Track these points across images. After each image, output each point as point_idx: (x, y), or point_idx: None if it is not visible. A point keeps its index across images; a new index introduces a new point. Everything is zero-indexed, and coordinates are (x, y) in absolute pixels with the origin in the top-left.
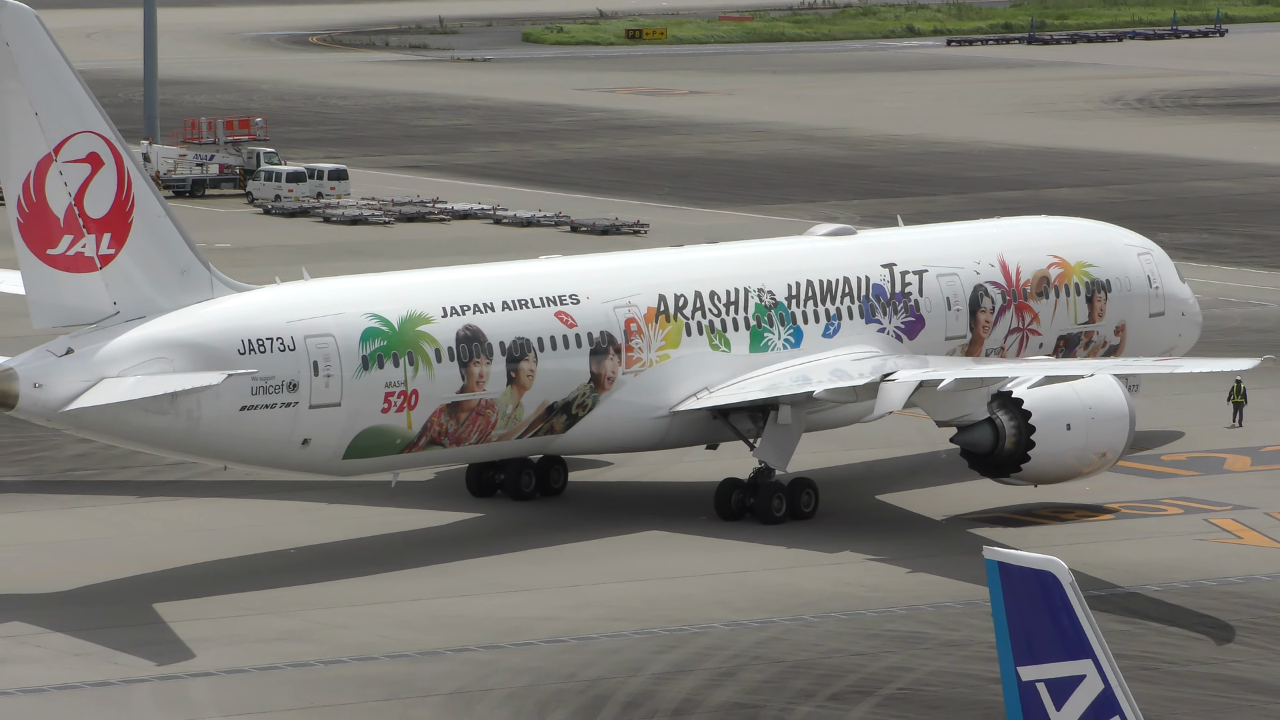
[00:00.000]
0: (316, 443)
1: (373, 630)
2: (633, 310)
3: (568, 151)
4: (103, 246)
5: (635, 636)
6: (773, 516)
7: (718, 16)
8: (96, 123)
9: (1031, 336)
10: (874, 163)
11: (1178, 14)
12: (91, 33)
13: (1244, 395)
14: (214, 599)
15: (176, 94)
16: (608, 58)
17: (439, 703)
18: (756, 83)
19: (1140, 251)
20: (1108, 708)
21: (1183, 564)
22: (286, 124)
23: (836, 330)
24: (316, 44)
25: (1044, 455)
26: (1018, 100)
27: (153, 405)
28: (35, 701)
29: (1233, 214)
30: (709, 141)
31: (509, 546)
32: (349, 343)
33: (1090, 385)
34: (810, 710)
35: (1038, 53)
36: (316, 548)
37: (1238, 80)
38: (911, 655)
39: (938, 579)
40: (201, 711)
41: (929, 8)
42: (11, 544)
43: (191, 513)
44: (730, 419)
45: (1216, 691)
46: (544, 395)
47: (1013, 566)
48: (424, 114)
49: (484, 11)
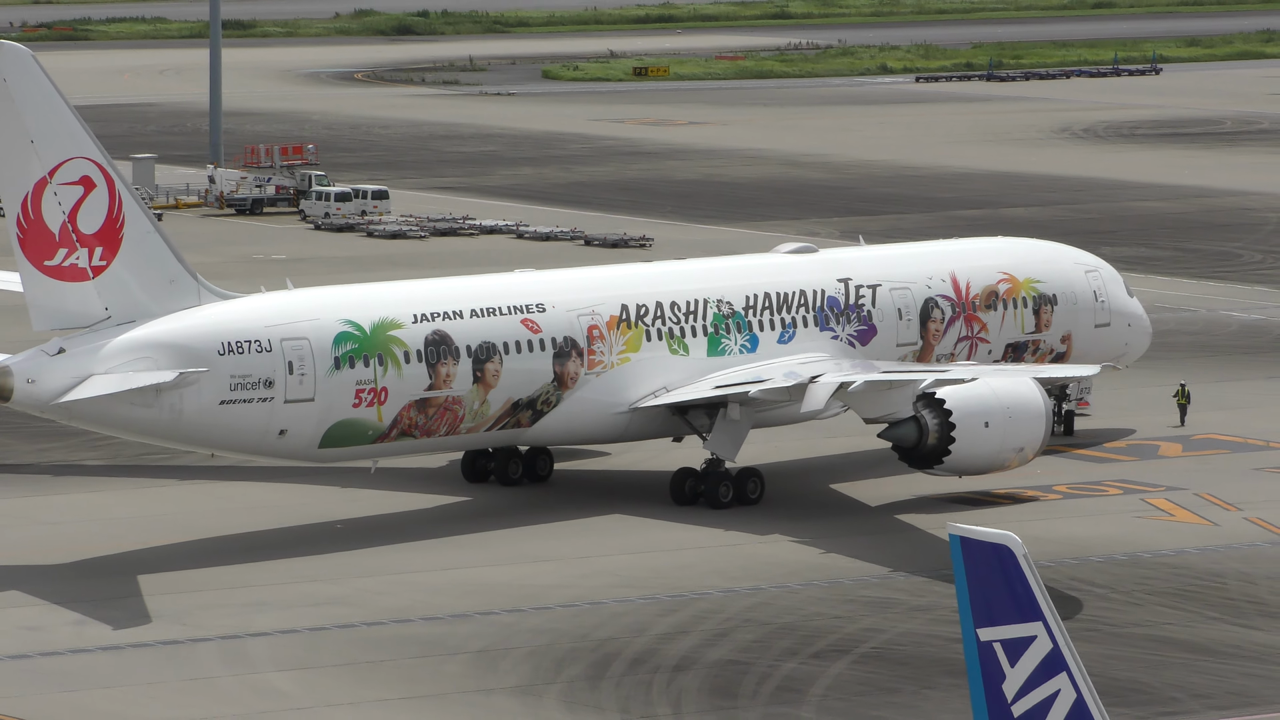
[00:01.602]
0: (293, 433)
1: (409, 596)
2: (596, 318)
3: (582, 174)
4: (95, 259)
5: (640, 601)
6: (719, 502)
7: (714, 56)
8: (89, 150)
9: (980, 344)
10: (852, 185)
11: (1118, 55)
12: (164, 70)
13: (1188, 397)
14: (270, 568)
15: (238, 124)
16: (617, 92)
17: (467, 659)
18: (748, 114)
19: (1088, 269)
20: (1056, 664)
21: (1122, 539)
22: (335, 150)
23: (792, 338)
24: (361, 80)
25: (963, 450)
26: (978, 130)
27: (138, 399)
28: (113, 657)
29: (1166, 230)
30: (707, 166)
31: (526, 522)
32: (322, 345)
33: (1009, 387)
34: (794, 666)
35: (995, 89)
36: (359, 521)
37: (1171, 113)
38: (884, 618)
39: (907, 552)
40: (259, 666)
41: (900, 49)
42: (92, 518)
43: (250, 492)
44: (688, 415)
45: (1151, 650)
46: (509, 393)
47: (973, 541)
48: (455, 141)
49: (509, 52)
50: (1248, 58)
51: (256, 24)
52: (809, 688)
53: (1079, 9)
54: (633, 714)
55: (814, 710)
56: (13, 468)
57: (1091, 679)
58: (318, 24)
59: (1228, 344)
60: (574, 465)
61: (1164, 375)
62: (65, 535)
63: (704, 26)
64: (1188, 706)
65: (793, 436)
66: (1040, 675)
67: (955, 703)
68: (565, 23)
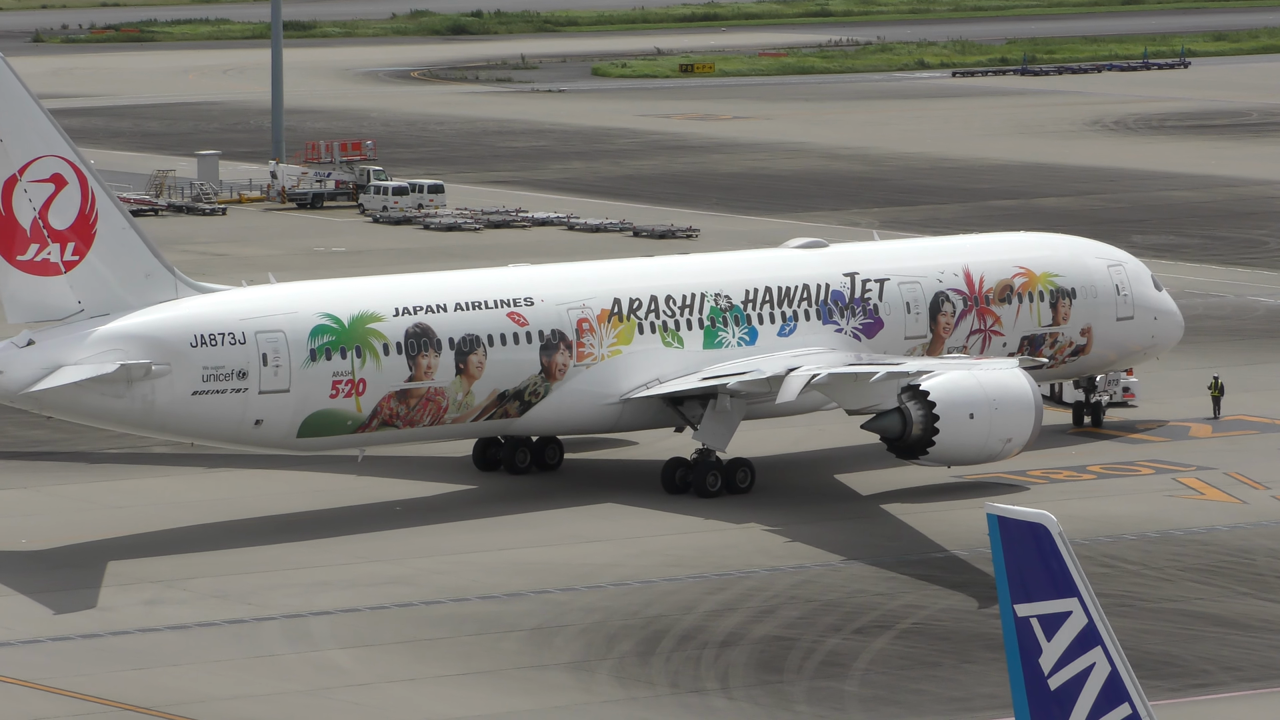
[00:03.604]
0: (269, 423)
1: (465, 575)
2: (586, 311)
3: (631, 168)
4: (67, 253)
5: (689, 580)
6: (707, 491)
7: (758, 53)
8: (61, 148)
9: (994, 337)
10: (890, 176)
11: (1148, 49)
12: (227, 69)
13: (1221, 389)
14: (332, 548)
15: (299, 121)
16: (665, 89)
17: (522, 637)
18: (791, 109)
19: (1111, 264)
20: (1091, 638)
21: (1154, 517)
22: (392, 146)
23: (792, 331)
24: (417, 78)
25: (948, 441)
26: (1012, 123)
27: (108, 390)
28: (181, 637)
29: (1195, 219)
30: (751, 159)
31: (577, 503)
32: (298, 337)
33: (996, 378)
34: (838, 642)
35: (1029, 83)
36: (418, 501)
37: (1199, 105)
38: (924, 595)
39: (946, 531)
40: (322, 644)
41: (937, 45)
42: (159, 502)
43: (314, 477)
44: (683, 406)
45: (1183, 624)
46: (495, 384)
47: (1010, 519)
48: (508, 137)
49: (559, 50)
50: (1274, 51)
51: (316, 25)
52: (852, 662)
53: (1110, 5)
54: (682, 688)
55: (857, 684)
56: (83, 455)
57: (1125, 652)
58: (375, 24)
59: (1256, 328)
60: (614, 454)
61: (1195, 359)
62: (133, 519)
63: (748, 25)
64: (1219, 679)
65: (835, 421)
66: (1076, 649)
67: (994, 676)
68: (614, 22)
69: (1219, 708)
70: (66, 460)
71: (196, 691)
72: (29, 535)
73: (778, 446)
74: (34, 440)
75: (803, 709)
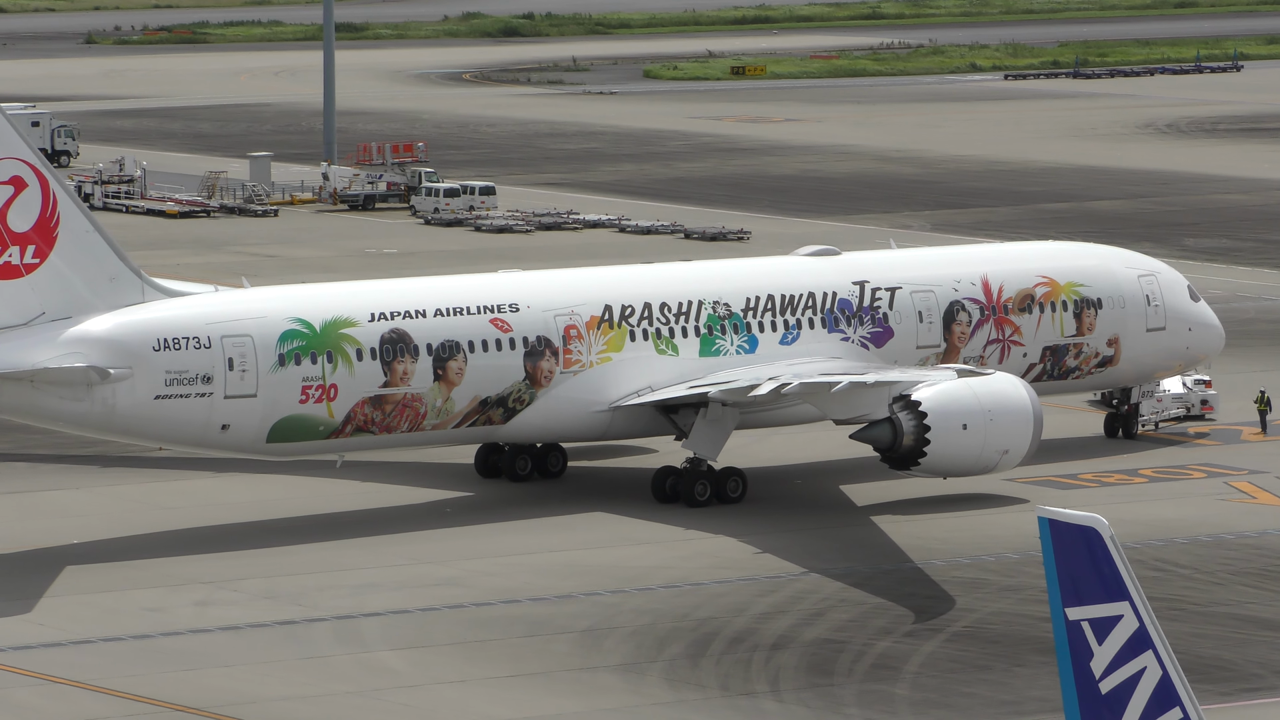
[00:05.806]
0: (236, 428)
1: (516, 577)
2: (574, 318)
3: (681, 170)
4: (27, 256)
5: (739, 582)
6: (696, 500)
7: (809, 55)
8: (20, 150)
9: (1014, 347)
10: (942, 179)
11: (1200, 52)
12: (279, 71)
13: (1268, 404)
14: (382, 550)
15: (351, 123)
16: (716, 91)
17: (573, 639)
18: (842, 111)
19: (1142, 274)
20: (1142, 642)
21: (1206, 520)
22: (444, 148)
23: (795, 339)
24: (469, 80)
25: (940, 452)
26: (1064, 126)
27: (67, 393)
28: (232, 638)
29: (1248, 222)
30: (802, 161)
31: (626, 509)
32: (266, 342)
33: (991, 388)
34: (889, 645)
35: (1081, 86)
36: (467, 501)
37: (1252, 109)
38: (975, 598)
39: (996, 534)
40: (373, 645)
41: (989, 47)
42: (210, 503)
43: (358, 481)
44: (676, 414)
45: (1234, 629)
46: (475, 390)
47: (1061, 523)
48: (559, 139)
49: (610, 52)
50: None
51: (368, 27)
52: (903, 665)
53: (1162, 8)
54: (732, 691)
55: (908, 687)
56: (134, 459)
57: (1176, 656)
58: (427, 26)
59: None
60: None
61: (1245, 363)
62: (184, 519)
63: (799, 27)
64: (1270, 683)
65: None
66: (1127, 653)
67: (1045, 679)
68: (665, 24)
69: (1271, 712)
70: (117, 464)
71: (247, 692)
72: (79, 536)
73: (821, 453)
74: (85, 441)
75: (853, 712)
